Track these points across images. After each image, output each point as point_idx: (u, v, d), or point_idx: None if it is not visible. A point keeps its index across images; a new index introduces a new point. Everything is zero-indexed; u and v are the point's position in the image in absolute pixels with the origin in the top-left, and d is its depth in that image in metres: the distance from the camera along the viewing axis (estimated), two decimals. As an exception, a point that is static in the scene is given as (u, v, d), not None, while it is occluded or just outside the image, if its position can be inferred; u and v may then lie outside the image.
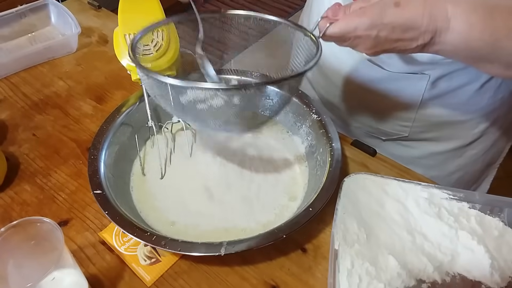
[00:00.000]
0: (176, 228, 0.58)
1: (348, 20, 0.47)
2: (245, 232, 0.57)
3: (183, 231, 0.57)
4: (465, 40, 0.46)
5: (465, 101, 0.67)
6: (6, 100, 0.78)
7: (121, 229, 0.52)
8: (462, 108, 0.69)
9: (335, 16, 0.48)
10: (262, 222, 0.59)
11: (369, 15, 0.46)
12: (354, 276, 0.52)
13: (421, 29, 0.45)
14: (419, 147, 0.76)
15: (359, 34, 0.47)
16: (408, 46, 0.47)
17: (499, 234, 0.54)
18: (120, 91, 0.80)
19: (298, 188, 0.63)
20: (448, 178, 0.79)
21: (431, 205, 0.58)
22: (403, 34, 0.46)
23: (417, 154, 0.76)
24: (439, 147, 0.75)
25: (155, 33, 0.64)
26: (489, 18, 0.45)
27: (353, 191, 0.61)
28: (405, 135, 0.74)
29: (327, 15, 0.49)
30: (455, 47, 0.47)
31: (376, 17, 0.45)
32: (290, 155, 0.68)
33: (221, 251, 0.49)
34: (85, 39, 0.92)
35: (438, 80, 0.65)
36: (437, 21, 0.45)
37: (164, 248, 0.50)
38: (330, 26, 0.48)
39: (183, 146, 0.68)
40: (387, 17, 0.45)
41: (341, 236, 0.55)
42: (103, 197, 0.55)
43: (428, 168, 0.76)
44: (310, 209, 0.54)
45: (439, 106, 0.68)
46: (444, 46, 0.47)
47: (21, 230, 0.45)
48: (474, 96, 0.66)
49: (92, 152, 0.59)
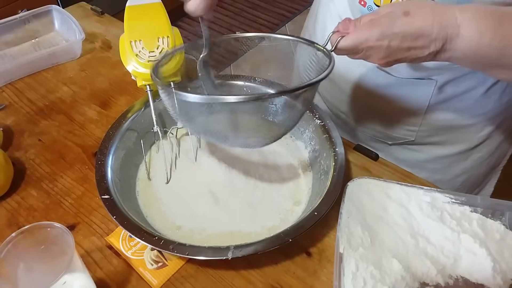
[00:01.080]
0: (182, 232, 0.58)
1: (359, 32, 0.48)
2: (250, 236, 0.58)
3: (189, 235, 0.58)
4: (475, 46, 0.47)
5: (472, 105, 0.68)
6: (12, 106, 0.79)
7: (129, 234, 0.52)
8: (468, 112, 0.69)
9: (346, 30, 0.49)
10: (268, 227, 0.59)
11: (379, 26, 0.47)
12: (359, 279, 0.53)
13: (432, 36, 0.46)
14: (425, 151, 0.76)
15: (371, 45, 0.48)
16: (420, 54, 0.48)
17: (501, 237, 0.55)
18: (125, 96, 0.81)
19: (302, 193, 0.64)
20: (453, 181, 0.79)
21: (434, 209, 0.59)
22: (414, 42, 0.47)
23: (423, 158, 0.77)
24: (445, 151, 0.75)
25: (161, 40, 0.65)
26: (499, 25, 0.46)
27: (357, 195, 0.61)
28: (411, 139, 0.75)
29: (338, 29, 0.50)
30: (465, 54, 0.48)
31: (386, 27, 0.47)
32: (294, 160, 0.69)
33: (228, 255, 0.50)
34: (89, 44, 0.93)
35: (445, 85, 0.66)
36: (447, 28, 0.46)
37: (172, 252, 0.51)
38: (341, 39, 0.49)
39: (188, 151, 0.68)
40: (397, 27, 0.46)
41: (345, 240, 0.56)
42: (111, 202, 0.55)
43: (433, 171, 0.77)
44: (315, 213, 0.55)
45: (445, 110, 0.69)
46: (455, 53, 0.48)
47: (30, 235, 0.46)
48: (480, 100, 0.67)
49: (99, 158, 0.60)
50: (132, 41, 0.65)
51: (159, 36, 0.66)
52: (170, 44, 0.66)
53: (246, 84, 0.72)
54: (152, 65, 0.57)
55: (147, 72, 0.65)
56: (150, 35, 0.66)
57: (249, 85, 0.72)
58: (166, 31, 0.66)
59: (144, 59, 0.65)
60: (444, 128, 0.72)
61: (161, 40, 0.66)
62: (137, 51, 0.65)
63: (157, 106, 0.68)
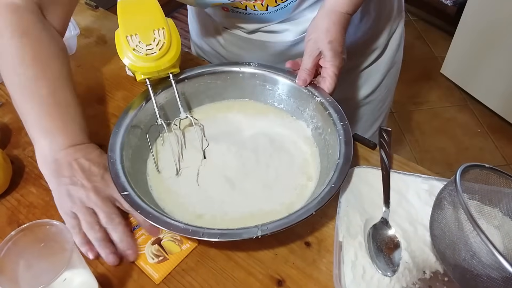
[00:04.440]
0: (206, 220, 0.59)
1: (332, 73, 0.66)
2: (272, 214, 0.58)
3: (212, 222, 0.59)
4: None
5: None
6: (9, 104, 0.78)
7: (157, 226, 0.53)
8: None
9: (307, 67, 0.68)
10: (286, 203, 0.60)
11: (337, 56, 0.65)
12: (358, 267, 0.53)
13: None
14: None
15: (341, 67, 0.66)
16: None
17: (499, 224, 0.56)
18: (121, 91, 0.80)
19: (311, 169, 0.65)
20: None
21: (432, 197, 0.59)
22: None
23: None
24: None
25: (157, 32, 0.65)
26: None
27: (356, 184, 0.62)
28: None
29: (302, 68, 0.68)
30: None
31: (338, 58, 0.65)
32: (298, 138, 0.70)
33: (258, 233, 0.51)
34: (84, 39, 0.93)
35: None
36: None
37: (203, 238, 0.51)
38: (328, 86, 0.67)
39: (193, 141, 0.68)
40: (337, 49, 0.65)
41: (345, 228, 0.56)
42: (131, 197, 0.55)
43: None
44: (333, 185, 0.55)
45: None
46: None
47: (29, 233, 0.46)
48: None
49: (111, 156, 0.60)
50: (128, 36, 0.65)
51: (154, 29, 0.65)
52: (166, 36, 0.66)
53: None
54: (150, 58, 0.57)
55: (146, 65, 0.65)
56: (145, 28, 0.65)
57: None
58: (161, 23, 0.66)
59: (141, 52, 0.64)
60: None
61: (157, 32, 0.65)
62: (134, 46, 0.64)
63: (158, 99, 0.68)
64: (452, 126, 1.97)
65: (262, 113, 0.73)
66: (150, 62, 0.65)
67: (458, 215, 0.50)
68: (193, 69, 0.73)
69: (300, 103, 0.71)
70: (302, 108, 0.71)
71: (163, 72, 0.66)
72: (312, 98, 0.68)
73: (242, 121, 0.72)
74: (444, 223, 0.52)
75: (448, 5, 2.34)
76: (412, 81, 2.18)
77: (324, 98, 0.67)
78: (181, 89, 0.71)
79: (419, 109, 2.05)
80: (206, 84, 0.73)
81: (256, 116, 0.73)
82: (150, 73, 0.66)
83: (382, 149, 0.65)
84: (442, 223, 0.52)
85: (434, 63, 2.27)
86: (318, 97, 0.67)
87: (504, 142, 1.85)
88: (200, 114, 0.74)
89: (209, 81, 0.73)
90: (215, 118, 0.73)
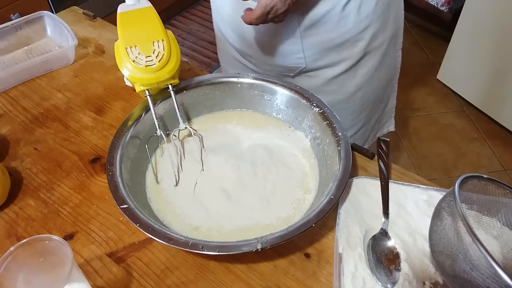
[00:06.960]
0: (201, 232, 0.59)
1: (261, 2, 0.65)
2: (268, 228, 0.59)
3: (208, 235, 0.58)
4: None
5: (335, 25, 0.79)
6: (6, 115, 0.78)
7: (156, 239, 0.52)
8: (335, 32, 0.80)
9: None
10: (283, 217, 0.60)
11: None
12: (358, 279, 0.53)
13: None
14: (319, 76, 0.88)
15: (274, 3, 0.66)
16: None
17: (497, 234, 0.56)
18: (119, 101, 0.80)
19: (310, 180, 0.65)
20: (353, 99, 0.90)
21: (430, 207, 0.59)
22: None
23: (320, 82, 0.88)
24: (334, 71, 0.86)
25: (156, 44, 0.65)
26: None
27: (355, 194, 0.62)
28: (304, 67, 0.86)
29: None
30: None
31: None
32: (297, 150, 0.70)
33: (258, 246, 0.51)
34: (82, 50, 0.93)
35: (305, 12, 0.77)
36: None
37: (203, 252, 0.51)
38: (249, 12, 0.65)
39: (193, 152, 0.69)
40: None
41: (344, 240, 0.56)
42: (130, 210, 0.55)
43: (333, 93, 0.89)
44: (332, 197, 0.55)
45: (316, 34, 0.81)
46: None
47: (29, 247, 0.46)
48: (341, 19, 0.78)
49: (109, 168, 0.60)
50: (128, 48, 0.65)
51: (154, 40, 0.66)
52: (166, 48, 0.66)
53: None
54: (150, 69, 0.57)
55: (145, 77, 0.65)
56: (145, 40, 0.65)
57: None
58: (161, 34, 0.66)
59: (141, 64, 0.64)
60: (324, 51, 0.83)
61: (157, 44, 0.66)
62: (133, 57, 0.64)
63: (157, 109, 0.68)
64: (449, 132, 1.97)
65: (261, 124, 0.73)
66: (149, 73, 0.65)
67: (457, 226, 0.50)
68: (192, 79, 0.73)
69: (299, 113, 0.71)
70: (301, 118, 0.71)
71: (162, 83, 0.66)
72: (310, 108, 0.68)
73: (240, 132, 0.72)
74: (443, 234, 0.52)
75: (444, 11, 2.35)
76: (409, 87, 2.18)
77: (323, 108, 0.67)
78: (179, 100, 0.71)
79: (416, 115, 2.06)
80: (205, 95, 0.74)
81: (255, 127, 0.73)
82: (149, 84, 0.66)
83: (381, 160, 0.65)
84: (441, 234, 0.53)
85: (430, 69, 2.27)
86: (316, 107, 0.68)
87: (501, 148, 1.86)
88: (199, 124, 0.74)
89: (207, 92, 0.74)
90: (214, 129, 0.73)
